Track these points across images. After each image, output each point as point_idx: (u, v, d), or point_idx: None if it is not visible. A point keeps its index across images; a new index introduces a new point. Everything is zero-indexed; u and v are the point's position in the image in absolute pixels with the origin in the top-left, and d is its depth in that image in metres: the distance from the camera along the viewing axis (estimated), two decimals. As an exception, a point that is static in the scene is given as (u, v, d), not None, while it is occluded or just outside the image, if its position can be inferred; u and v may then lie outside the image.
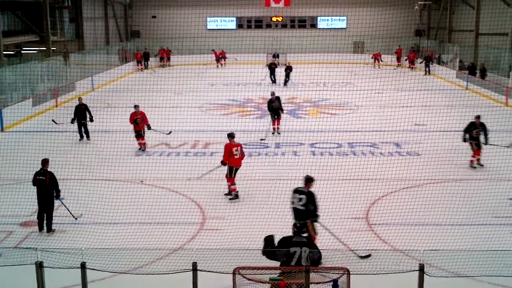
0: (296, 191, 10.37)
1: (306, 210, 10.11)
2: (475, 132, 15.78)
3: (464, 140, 16.05)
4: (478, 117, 16.03)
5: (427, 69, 39.09)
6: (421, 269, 7.62)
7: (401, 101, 24.11)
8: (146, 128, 18.10)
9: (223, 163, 13.67)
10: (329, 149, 18.28)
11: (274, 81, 34.74)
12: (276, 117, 20.15)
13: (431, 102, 24.76)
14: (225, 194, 13.64)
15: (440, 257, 8.96)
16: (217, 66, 45.25)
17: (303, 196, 10.21)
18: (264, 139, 19.24)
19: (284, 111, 20.84)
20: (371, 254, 10.01)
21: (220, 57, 45.58)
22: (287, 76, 33.92)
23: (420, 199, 12.82)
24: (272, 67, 35.36)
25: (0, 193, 13.81)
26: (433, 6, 47.77)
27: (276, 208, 12.00)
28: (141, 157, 17.41)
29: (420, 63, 40.98)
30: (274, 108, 19.97)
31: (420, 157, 17.03)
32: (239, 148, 13.61)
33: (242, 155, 13.74)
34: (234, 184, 13.59)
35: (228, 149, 13.50)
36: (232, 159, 13.47)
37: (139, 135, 18.18)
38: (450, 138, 18.93)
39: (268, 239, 8.64)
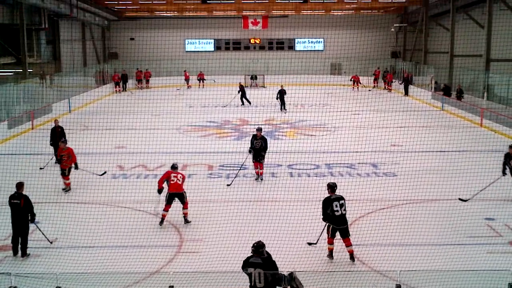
0: (335, 199, 10.98)
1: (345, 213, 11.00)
2: None
3: (504, 173, 15.21)
4: None
5: (405, 90, 39.72)
6: (398, 290, 7.66)
7: (377, 122, 24.39)
8: (73, 167, 15.89)
9: (158, 190, 13.20)
10: (306, 170, 18.33)
11: (248, 102, 34.39)
12: (258, 159, 16.85)
13: (407, 123, 25.03)
14: (159, 223, 13.02)
15: (416, 278, 9.00)
16: (188, 87, 45.33)
17: (343, 201, 11.02)
18: (230, 184, 16.29)
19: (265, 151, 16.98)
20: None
21: (191, 78, 45.71)
22: (282, 100, 31.53)
23: (397, 220, 12.87)
24: (242, 89, 34.87)
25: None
26: (409, 28, 48.59)
27: (255, 230, 11.96)
28: (118, 180, 17.26)
29: (400, 83, 41.56)
30: (257, 148, 16.78)
31: (397, 178, 17.13)
32: (178, 175, 13.22)
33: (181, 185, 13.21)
34: (166, 210, 13.07)
35: (167, 174, 13.19)
36: (170, 185, 13.07)
37: (63, 173, 15.82)
38: (426, 158, 19.15)
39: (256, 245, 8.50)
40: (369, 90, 41.72)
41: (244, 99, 34.49)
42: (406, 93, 39.78)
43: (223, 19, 47.19)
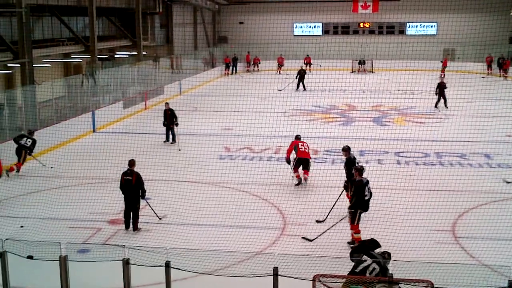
0: (367, 183, 10.97)
1: None
2: None
3: None
4: None
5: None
6: (510, 286, 7.31)
7: (492, 111, 23.22)
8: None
9: (287, 160, 14.80)
10: (415, 158, 17.83)
11: (304, 88, 34.42)
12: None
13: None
14: (296, 185, 14.67)
15: (531, 275, 8.52)
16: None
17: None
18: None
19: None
20: None
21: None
22: (443, 95, 27.25)
23: (511, 213, 12.26)
24: (301, 74, 34.57)
25: (90, 191, 14.39)
26: (530, 12, 45.73)
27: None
28: (225, 161, 17.64)
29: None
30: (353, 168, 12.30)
31: (512, 170, 16.31)
32: (304, 144, 14.76)
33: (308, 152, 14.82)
34: (297, 172, 14.65)
35: (294, 143, 14.72)
36: (298, 152, 14.58)
37: None
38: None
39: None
40: (482, 77, 39.73)
41: (301, 84, 34.52)
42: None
43: (332, 3, 46.61)
